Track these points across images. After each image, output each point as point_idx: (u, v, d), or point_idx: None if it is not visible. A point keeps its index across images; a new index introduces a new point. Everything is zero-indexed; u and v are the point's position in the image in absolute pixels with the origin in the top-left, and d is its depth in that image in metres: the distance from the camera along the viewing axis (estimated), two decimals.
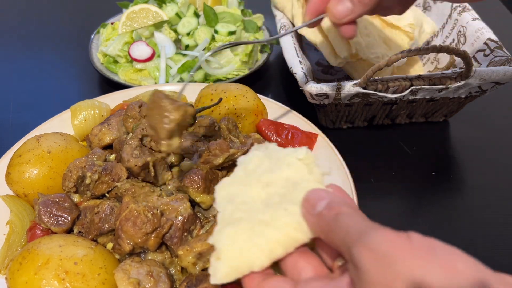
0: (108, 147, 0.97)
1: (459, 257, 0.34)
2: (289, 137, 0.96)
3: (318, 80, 1.04)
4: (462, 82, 0.97)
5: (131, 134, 0.88)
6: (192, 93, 1.11)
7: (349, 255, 0.39)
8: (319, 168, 0.56)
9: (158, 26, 1.38)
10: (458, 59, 1.17)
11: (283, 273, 0.49)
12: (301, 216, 0.48)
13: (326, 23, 1.08)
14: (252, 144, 0.87)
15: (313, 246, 0.51)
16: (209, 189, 0.81)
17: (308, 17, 0.64)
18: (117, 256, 0.76)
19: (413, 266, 0.33)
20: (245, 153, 0.83)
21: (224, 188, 0.56)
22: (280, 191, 0.52)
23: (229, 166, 0.86)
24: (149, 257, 0.75)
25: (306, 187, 0.51)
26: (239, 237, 0.48)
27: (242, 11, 1.47)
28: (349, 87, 0.97)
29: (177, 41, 1.39)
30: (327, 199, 0.46)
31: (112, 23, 1.48)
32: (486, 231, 0.93)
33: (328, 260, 0.48)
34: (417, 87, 0.97)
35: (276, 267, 0.50)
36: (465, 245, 0.92)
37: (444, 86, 0.98)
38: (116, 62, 1.36)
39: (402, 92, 0.99)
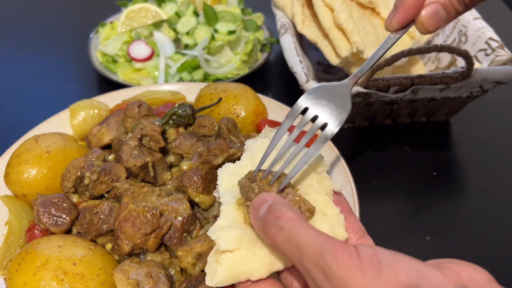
0: (107, 147, 0.96)
1: (400, 267, 0.36)
2: None
3: (318, 80, 1.03)
4: (463, 82, 0.96)
5: (130, 134, 0.88)
6: (191, 92, 1.11)
7: (303, 269, 0.40)
8: (330, 181, 0.54)
9: (158, 25, 1.38)
10: (459, 59, 1.16)
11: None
12: None
13: (327, 22, 1.07)
14: None
15: None
16: (208, 189, 0.80)
17: (397, 26, 0.58)
18: (116, 257, 0.75)
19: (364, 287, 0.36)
20: None
21: (229, 177, 0.54)
22: None
23: None
24: (149, 258, 0.75)
25: (315, 199, 0.50)
26: (243, 245, 0.47)
27: (242, 10, 1.47)
28: None
29: (176, 40, 1.38)
30: (270, 202, 0.45)
31: (111, 22, 1.47)
32: (488, 231, 0.93)
33: None
34: (418, 87, 0.97)
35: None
36: (466, 245, 0.92)
37: (445, 86, 0.98)
38: (115, 61, 1.36)
39: (403, 91, 0.99)
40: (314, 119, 0.54)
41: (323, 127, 0.53)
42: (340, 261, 0.37)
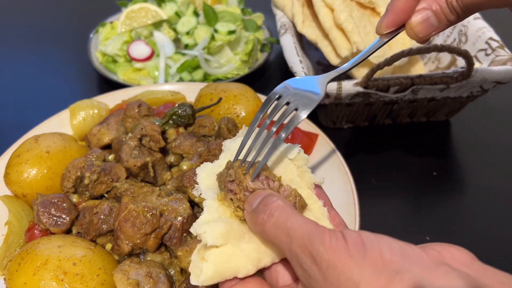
0: (107, 147, 0.96)
1: (384, 246, 0.37)
2: (289, 137, 0.96)
3: None
4: (464, 82, 0.96)
5: (130, 134, 0.88)
6: (191, 92, 1.11)
7: (292, 256, 0.41)
8: (311, 174, 0.54)
9: (158, 25, 1.38)
10: (459, 59, 1.16)
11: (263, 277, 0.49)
12: None
13: (327, 22, 1.07)
14: None
15: None
16: None
17: (385, 29, 0.59)
18: (116, 257, 0.75)
19: (351, 268, 0.36)
20: None
21: (208, 176, 0.54)
22: None
23: None
24: (148, 258, 0.75)
25: None
26: (230, 240, 0.46)
27: (242, 10, 1.47)
28: (350, 87, 0.96)
29: (176, 40, 1.38)
30: (262, 196, 0.46)
31: (111, 22, 1.47)
32: (488, 231, 0.93)
33: None
34: (418, 87, 0.97)
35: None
36: (466, 245, 0.92)
37: (445, 86, 0.98)
38: (115, 61, 1.36)
39: (403, 91, 0.99)
40: (286, 106, 0.54)
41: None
42: (328, 245, 0.38)
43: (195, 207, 0.82)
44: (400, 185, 1.04)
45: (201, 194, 0.52)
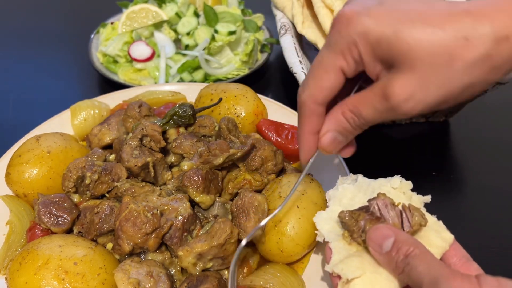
0: (108, 147, 0.97)
1: None
2: (289, 137, 0.96)
3: None
4: None
5: (130, 134, 0.88)
6: (192, 93, 1.11)
7: None
8: (416, 195, 0.62)
9: (158, 26, 1.38)
10: None
11: None
12: None
13: (327, 23, 1.08)
14: (252, 144, 0.86)
15: None
16: (208, 189, 0.81)
17: (306, 161, 0.64)
18: (117, 257, 0.75)
19: None
20: (245, 153, 0.83)
21: (326, 222, 0.61)
22: None
23: (229, 166, 0.86)
24: (149, 258, 0.75)
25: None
26: (366, 269, 0.50)
27: (242, 10, 1.47)
28: None
29: (177, 41, 1.38)
30: (392, 237, 0.48)
31: (111, 23, 1.47)
32: (488, 231, 0.93)
33: None
34: None
35: None
36: (466, 245, 0.92)
37: None
38: (115, 62, 1.36)
39: None
40: None
41: None
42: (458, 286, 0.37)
43: (195, 206, 0.82)
44: None
45: (324, 238, 0.60)
